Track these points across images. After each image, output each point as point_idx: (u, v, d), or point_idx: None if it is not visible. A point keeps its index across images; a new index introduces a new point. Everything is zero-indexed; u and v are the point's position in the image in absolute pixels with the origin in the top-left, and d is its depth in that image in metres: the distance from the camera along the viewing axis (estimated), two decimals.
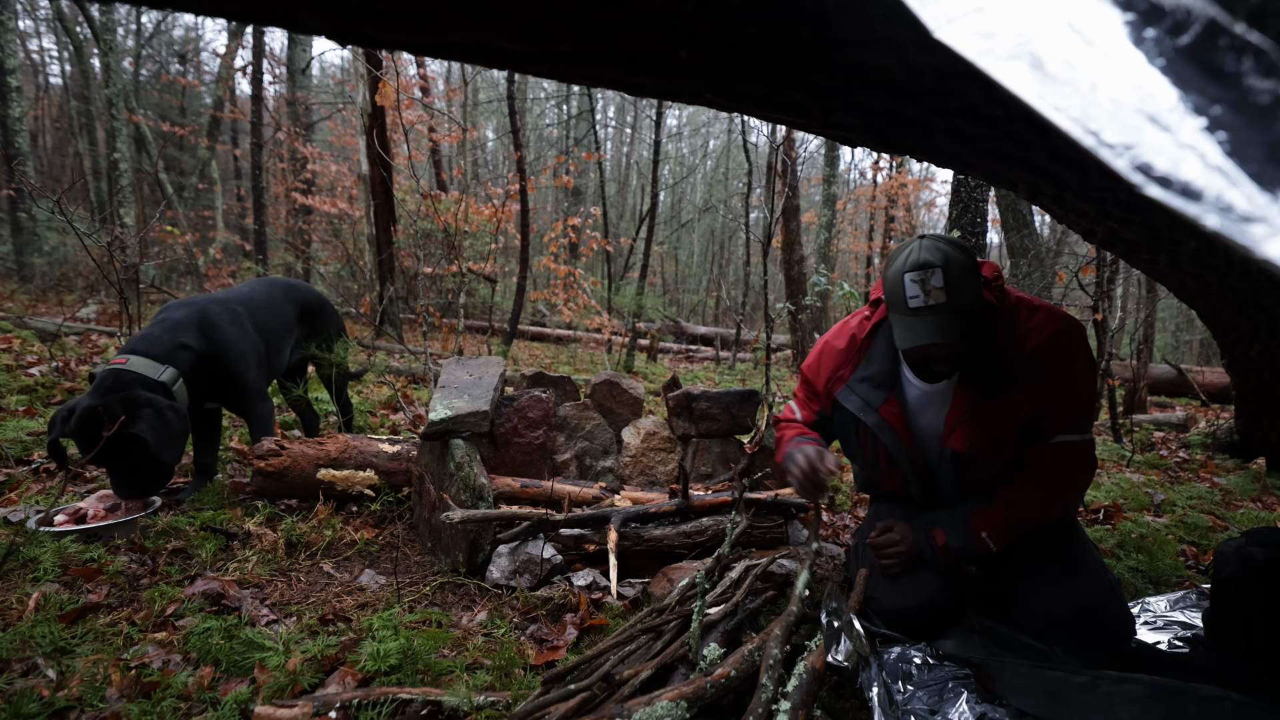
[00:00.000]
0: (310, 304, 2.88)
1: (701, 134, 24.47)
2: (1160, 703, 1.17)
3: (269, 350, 2.51)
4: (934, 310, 1.35)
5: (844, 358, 1.67)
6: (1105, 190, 1.27)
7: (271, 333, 2.54)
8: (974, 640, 1.51)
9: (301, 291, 2.87)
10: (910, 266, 1.36)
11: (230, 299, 2.42)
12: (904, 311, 1.39)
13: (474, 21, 0.96)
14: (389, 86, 5.63)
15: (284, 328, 2.67)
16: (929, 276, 1.33)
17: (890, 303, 1.43)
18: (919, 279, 1.34)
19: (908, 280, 1.36)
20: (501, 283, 9.93)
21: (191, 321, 2.20)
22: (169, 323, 2.17)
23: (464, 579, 1.89)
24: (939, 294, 1.33)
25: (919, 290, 1.35)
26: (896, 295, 1.40)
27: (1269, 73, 0.37)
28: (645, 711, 1.15)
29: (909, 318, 1.39)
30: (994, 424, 1.46)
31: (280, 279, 2.90)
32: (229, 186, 16.00)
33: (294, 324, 2.76)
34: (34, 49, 16.32)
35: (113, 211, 9.68)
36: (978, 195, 5.23)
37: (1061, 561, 1.51)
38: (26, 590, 1.59)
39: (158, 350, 2.07)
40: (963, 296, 1.35)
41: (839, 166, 14.05)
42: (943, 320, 1.35)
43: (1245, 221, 0.35)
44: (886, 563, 1.56)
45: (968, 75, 0.52)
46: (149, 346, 2.07)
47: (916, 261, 1.36)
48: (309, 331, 2.89)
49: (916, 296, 1.35)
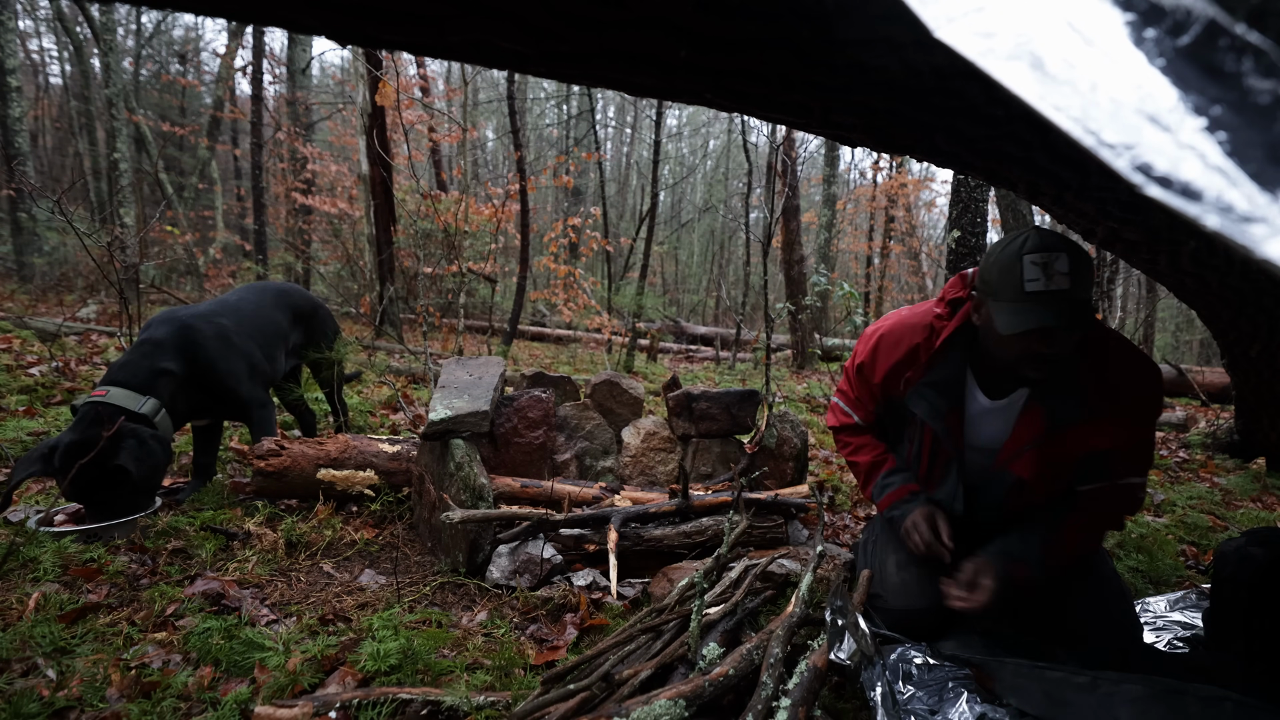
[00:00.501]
0: (302, 308, 2.86)
1: (701, 134, 24.48)
2: (1160, 703, 1.17)
3: (262, 357, 2.48)
4: (1054, 296, 1.22)
5: (909, 357, 1.55)
6: (1105, 190, 1.27)
7: (263, 340, 2.51)
8: (974, 640, 1.51)
9: (293, 296, 2.85)
10: (1031, 248, 1.25)
11: (214, 311, 2.37)
12: (1016, 296, 1.26)
13: (474, 21, 0.96)
14: (389, 86, 5.63)
15: (276, 334, 2.64)
16: (1053, 260, 1.22)
17: (998, 287, 1.30)
18: (1041, 260, 1.23)
19: (1027, 261, 1.24)
20: (501, 283, 9.93)
21: (171, 342, 2.15)
22: (148, 346, 2.13)
23: (464, 579, 1.89)
24: (1062, 279, 1.22)
25: (1040, 273, 1.23)
26: (1010, 278, 1.27)
27: (1269, 73, 0.37)
28: (643, 710, 1.15)
29: (1022, 303, 1.25)
30: (1062, 452, 1.40)
31: (270, 284, 2.88)
32: (229, 186, 16.00)
33: (287, 329, 2.74)
34: (34, 49, 16.32)
35: (113, 211, 9.68)
36: (978, 195, 5.23)
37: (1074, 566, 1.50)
38: (26, 590, 1.59)
39: (137, 380, 2.04)
40: (1084, 288, 1.24)
41: (839, 166, 14.06)
42: (1063, 308, 1.23)
43: (1245, 221, 0.35)
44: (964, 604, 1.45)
45: (968, 75, 0.52)
46: (128, 376, 2.04)
47: (1039, 244, 1.25)
48: (303, 336, 2.88)
49: (1036, 279, 1.23)
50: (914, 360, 1.55)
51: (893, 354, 1.58)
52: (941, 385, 1.51)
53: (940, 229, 17.33)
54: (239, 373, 2.32)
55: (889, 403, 1.63)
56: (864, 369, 1.65)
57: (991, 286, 1.33)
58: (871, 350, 1.62)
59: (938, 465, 1.56)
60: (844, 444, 1.78)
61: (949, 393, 1.51)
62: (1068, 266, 1.22)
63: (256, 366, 2.42)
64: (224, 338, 2.31)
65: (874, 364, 1.62)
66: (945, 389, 1.51)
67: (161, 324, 2.22)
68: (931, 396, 1.51)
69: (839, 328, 12.10)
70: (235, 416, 2.42)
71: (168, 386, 2.12)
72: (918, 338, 1.55)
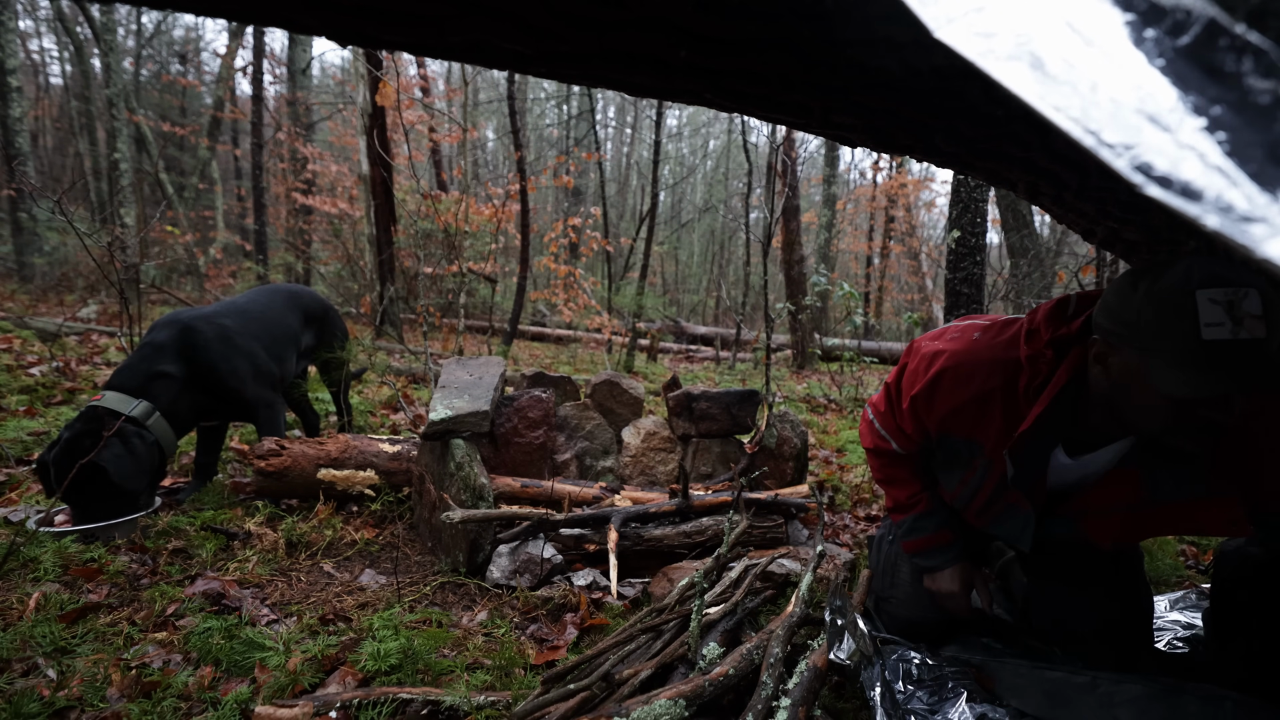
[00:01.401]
0: (313, 310, 2.88)
1: (701, 134, 24.48)
2: (1160, 703, 1.17)
3: (268, 358, 2.48)
4: (1246, 349, 0.90)
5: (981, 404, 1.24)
6: (1105, 190, 1.27)
7: (269, 340, 2.51)
8: (974, 641, 1.51)
9: (304, 298, 2.86)
10: (1205, 282, 0.93)
11: (218, 312, 2.38)
12: (1190, 345, 0.94)
13: (474, 22, 0.96)
14: (389, 87, 5.63)
15: (286, 336, 2.65)
16: (1240, 299, 0.91)
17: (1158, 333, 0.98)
18: (1225, 298, 0.92)
19: (1204, 300, 0.92)
20: (502, 283, 9.93)
21: (171, 345, 2.18)
22: (148, 350, 2.16)
23: (464, 579, 1.89)
24: (1256, 325, 0.90)
25: (1225, 316, 0.91)
26: (1180, 320, 0.94)
27: (1269, 73, 0.37)
28: (643, 710, 1.15)
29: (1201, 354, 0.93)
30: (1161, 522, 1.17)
31: (282, 286, 2.90)
32: (229, 186, 16.01)
33: (298, 332, 2.75)
34: (34, 49, 16.33)
35: (113, 211, 9.68)
36: (978, 195, 5.23)
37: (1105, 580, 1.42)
38: (27, 590, 1.59)
39: (132, 383, 2.09)
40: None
41: (839, 166, 14.07)
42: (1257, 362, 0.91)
43: (1245, 221, 0.35)
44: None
45: (968, 75, 0.52)
46: (124, 380, 2.09)
47: (1215, 276, 0.93)
48: (315, 338, 2.89)
49: (1220, 325, 0.91)
50: (986, 407, 1.24)
51: (958, 395, 1.27)
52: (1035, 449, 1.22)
53: (940, 229, 17.33)
54: (242, 373, 2.32)
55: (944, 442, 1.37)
56: (918, 406, 1.34)
57: (1143, 331, 1.00)
58: (930, 385, 1.30)
59: (998, 504, 1.34)
60: (877, 466, 1.55)
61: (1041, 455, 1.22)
62: (1260, 308, 0.91)
63: (261, 367, 2.42)
64: (226, 338, 2.30)
65: (931, 403, 1.31)
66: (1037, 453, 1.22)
67: (164, 327, 2.23)
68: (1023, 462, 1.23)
69: (839, 328, 12.10)
70: (241, 417, 2.42)
71: (166, 389, 2.13)
72: (994, 381, 1.23)
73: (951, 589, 1.40)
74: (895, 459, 1.50)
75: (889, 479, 1.52)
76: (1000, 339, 1.26)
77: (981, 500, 1.35)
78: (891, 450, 1.48)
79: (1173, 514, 1.16)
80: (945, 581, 1.42)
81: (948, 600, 1.42)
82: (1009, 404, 1.22)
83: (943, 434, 1.34)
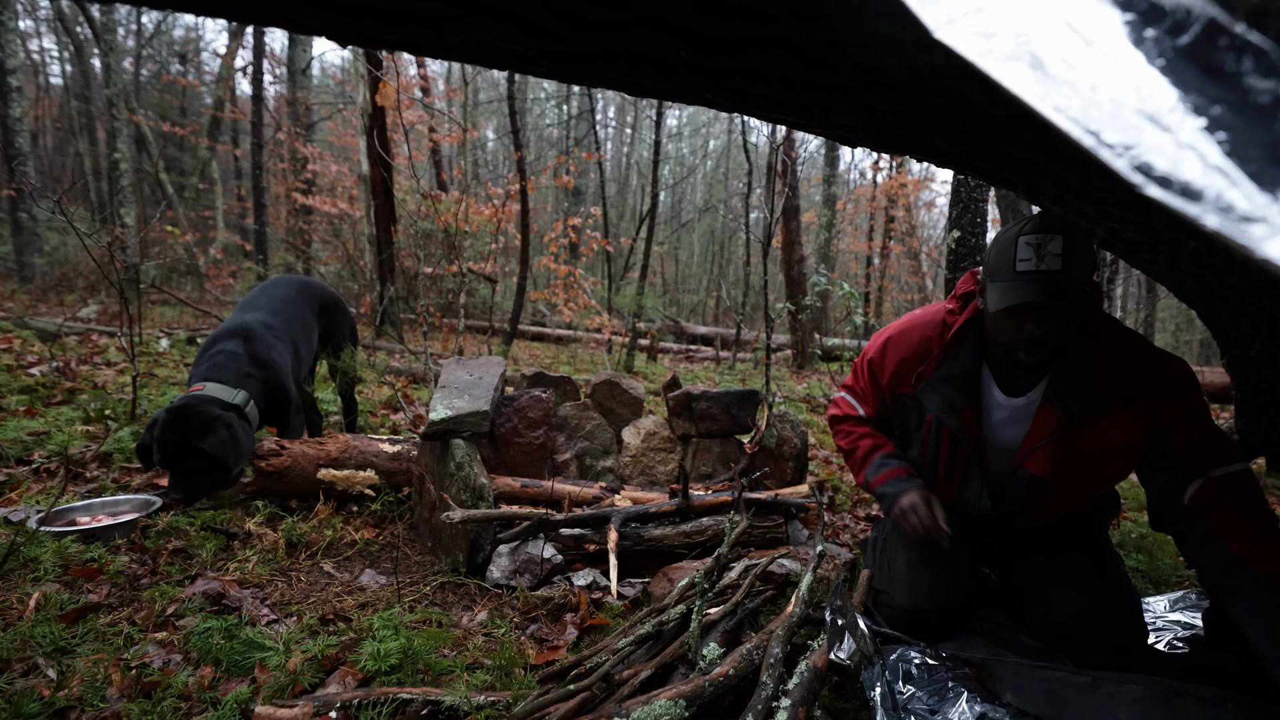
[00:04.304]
0: (326, 302, 2.89)
1: (701, 134, 24.48)
2: (1160, 703, 1.17)
3: (297, 358, 2.53)
4: (1044, 275, 1.22)
5: (920, 353, 1.53)
6: (1105, 190, 1.27)
7: (298, 339, 2.57)
8: (974, 640, 1.51)
9: (317, 290, 2.86)
10: (1029, 230, 1.24)
11: (267, 320, 2.44)
12: (1008, 275, 1.26)
13: (474, 22, 0.96)
14: (389, 87, 5.63)
15: (305, 330, 2.68)
16: (1047, 241, 1.21)
17: (994, 269, 1.31)
18: (1035, 241, 1.22)
19: (1021, 242, 1.24)
20: (502, 283, 9.93)
21: (245, 351, 2.29)
22: (227, 352, 2.26)
23: (464, 579, 1.89)
24: (1054, 260, 1.21)
25: (1032, 253, 1.22)
26: (1004, 259, 1.27)
27: (1269, 73, 0.37)
28: (644, 710, 1.15)
29: (1013, 281, 1.26)
30: (1078, 449, 1.37)
31: (295, 277, 2.89)
32: (229, 186, 16.01)
33: (313, 324, 2.78)
34: (34, 49, 16.33)
35: (113, 211, 9.68)
36: (978, 195, 5.23)
37: (1085, 568, 1.49)
38: (27, 590, 1.59)
39: (228, 377, 2.20)
40: (1078, 270, 1.22)
41: (839, 166, 14.07)
42: (1051, 287, 1.22)
43: (1245, 221, 0.35)
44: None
45: (968, 75, 0.52)
46: (220, 374, 2.20)
47: (1037, 225, 1.24)
48: (324, 330, 2.89)
49: (1028, 259, 1.23)
50: (926, 354, 1.52)
51: (903, 349, 1.55)
52: (956, 380, 1.48)
53: (940, 229, 17.33)
54: (288, 376, 2.41)
55: (898, 402, 1.60)
56: (873, 365, 1.63)
57: (990, 268, 1.33)
58: (881, 347, 1.60)
59: (956, 465, 1.53)
60: (843, 434, 1.75)
61: (964, 387, 1.47)
62: (1061, 248, 1.21)
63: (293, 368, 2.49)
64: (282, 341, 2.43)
65: (883, 360, 1.59)
66: (960, 383, 1.47)
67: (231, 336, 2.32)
68: (946, 391, 1.48)
69: (839, 328, 12.09)
70: (278, 419, 2.47)
71: (253, 387, 2.25)
72: (930, 332, 1.52)
73: (914, 501, 1.50)
74: (859, 422, 1.73)
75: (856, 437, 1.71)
76: (933, 307, 1.58)
77: (943, 463, 1.54)
78: (858, 415, 1.73)
79: (1087, 435, 1.35)
80: (908, 499, 1.51)
81: (913, 513, 1.50)
82: (941, 347, 1.50)
83: (896, 395, 1.59)
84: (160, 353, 4.85)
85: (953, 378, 1.48)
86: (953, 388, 1.48)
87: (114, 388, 3.63)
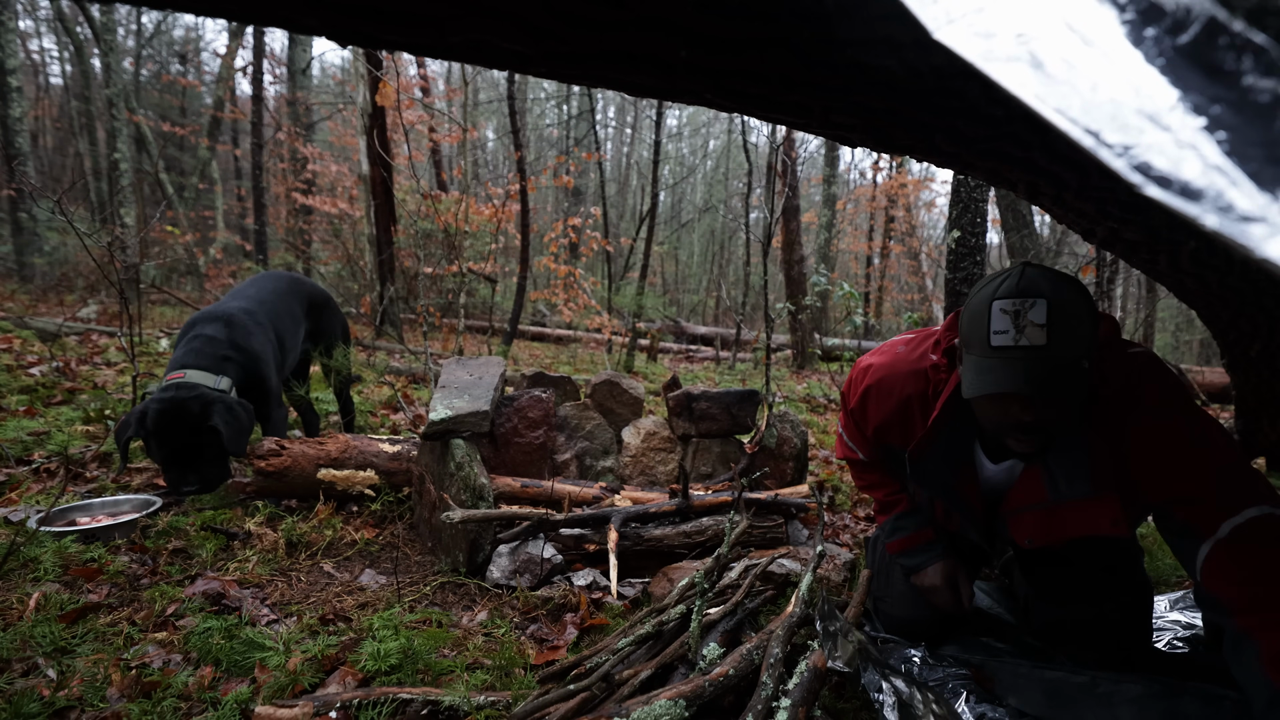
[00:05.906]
0: (316, 299, 2.88)
1: (701, 134, 24.47)
2: (1160, 702, 1.17)
3: (281, 350, 2.51)
4: (1025, 354, 1.00)
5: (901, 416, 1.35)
6: (1105, 190, 1.27)
7: (282, 331, 2.54)
8: (974, 641, 1.52)
9: (306, 286, 2.86)
10: (1005, 293, 1.02)
11: (249, 307, 2.41)
12: (982, 350, 1.05)
13: (474, 22, 0.96)
14: (389, 87, 5.63)
15: (293, 325, 2.66)
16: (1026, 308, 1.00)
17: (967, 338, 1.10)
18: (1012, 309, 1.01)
19: (996, 309, 1.02)
20: (501, 283, 9.93)
21: (224, 336, 2.24)
22: (204, 338, 2.21)
23: (464, 579, 1.89)
24: (1036, 332, 0.99)
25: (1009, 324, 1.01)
26: (977, 328, 1.06)
27: (1269, 72, 0.37)
28: (644, 710, 1.15)
29: (987, 359, 1.04)
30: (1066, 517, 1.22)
31: (284, 273, 2.89)
32: (229, 186, 16.00)
33: (301, 320, 2.77)
34: (34, 49, 16.33)
35: (113, 211, 9.68)
36: (978, 195, 5.24)
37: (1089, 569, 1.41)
38: (27, 590, 1.59)
39: (208, 363, 2.14)
40: (1068, 345, 1.00)
41: (839, 166, 14.07)
42: (1033, 368, 1.00)
43: (1245, 221, 0.35)
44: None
45: (968, 75, 0.52)
46: (198, 360, 2.13)
47: (1014, 288, 1.02)
48: (314, 328, 2.88)
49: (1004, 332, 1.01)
50: (907, 415, 1.35)
51: (884, 407, 1.39)
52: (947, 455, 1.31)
53: (940, 229, 17.32)
54: (270, 365, 2.38)
55: (887, 450, 1.48)
56: (855, 416, 1.49)
57: (963, 333, 1.12)
58: (861, 399, 1.44)
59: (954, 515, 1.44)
60: (855, 475, 1.69)
61: (956, 465, 1.31)
62: (1044, 316, 0.99)
63: (279, 358, 2.48)
64: (264, 331, 2.39)
65: (864, 415, 1.45)
66: (953, 462, 1.31)
67: (210, 321, 2.27)
68: (937, 471, 1.33)
69: (839, 328, 12.09)
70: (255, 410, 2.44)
71: (234, 372, 2.20)
72: (910, 388, 1.34)
73: (935, 583, 1.45)
74: (866, 466, 1.61)
75: (868, 485, 1.63)
76: (917, 351, 1.36)
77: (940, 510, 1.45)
78: (859, 459, 1.60)
79: (1073, 511, 1.22)
80: (930, 578, 1.46)
81: (933, 595, 1.46)
82: (925, 410, 1.31)
83: (882, 444, 1.46)
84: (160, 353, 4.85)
85: (943, 454, 1.33)
86: (946, 467, 1.34)
87: (114, 388, 3.63)
